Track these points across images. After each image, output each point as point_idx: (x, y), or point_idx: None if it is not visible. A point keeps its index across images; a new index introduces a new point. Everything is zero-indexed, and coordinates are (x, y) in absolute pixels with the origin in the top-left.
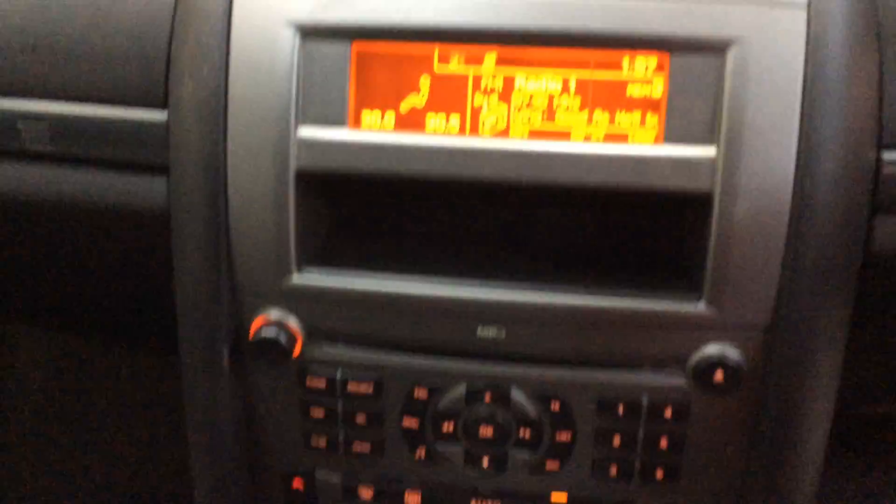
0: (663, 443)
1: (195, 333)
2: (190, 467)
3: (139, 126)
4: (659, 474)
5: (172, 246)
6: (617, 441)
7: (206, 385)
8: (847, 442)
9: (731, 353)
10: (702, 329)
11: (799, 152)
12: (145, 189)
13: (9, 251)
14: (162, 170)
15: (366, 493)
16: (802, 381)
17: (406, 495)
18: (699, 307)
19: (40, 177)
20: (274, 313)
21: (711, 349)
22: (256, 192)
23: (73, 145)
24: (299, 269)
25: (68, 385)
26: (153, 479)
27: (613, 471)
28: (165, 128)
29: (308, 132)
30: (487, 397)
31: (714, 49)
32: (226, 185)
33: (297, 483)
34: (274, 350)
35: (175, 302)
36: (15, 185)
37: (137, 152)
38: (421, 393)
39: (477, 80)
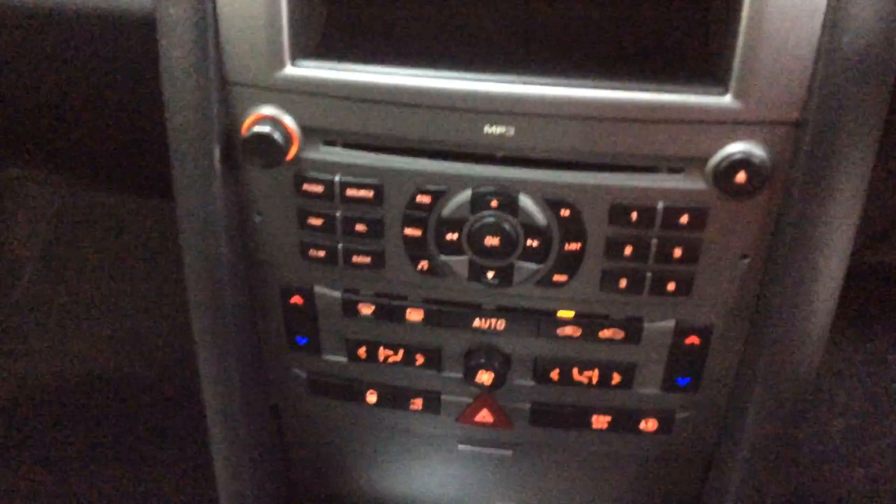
0: (677, 252)
1: (185, 133)
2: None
3: None
4: (670, 287)
5: (158, 35)
6: (628, 251)
7: (198, 189)
8: (855, 308)
9: (757, 150)
10: (726, 125)
11: None
12: None
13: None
14: None
15: (366, 309)
16: (830, 184)
17: (408, 312)
18: (724, 100)
19: None
20: (268, 110)
21: (735, 147)
22: None
23: None
24: (293, 61)
25: (71, 238)
26: (156, 331)
27: (623, 283)
28: None
29: None
30: (494, 203)
31: None
32: None
33: (296, 299)
34: (268, 148)
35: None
36: None
37: None
38: (424, 199)
39: None
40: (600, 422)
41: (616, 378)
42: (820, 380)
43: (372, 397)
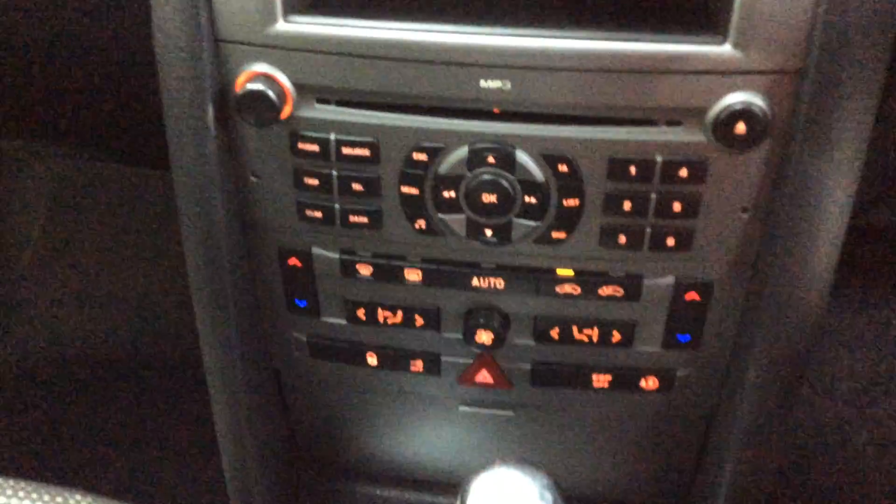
0: (676, 207)
1: (178, 92)
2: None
3: None
4: (670, 242)
5: None
6: (627, 206)
7: (192, 149)
8: (861, 273)
9: (756, 101)
10: (725, 75)
11: None
12: None
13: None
14: None
15: (364, 270)
16: (830, 134)
17: (406, 272)
18: (723, 49)
19: None
20: (261, 67)
21: (734, 98)
22: None
23: None
24: (285, 17)
25: (73, 211)
26: (160, 304)
27: (622, 239)
28: None
29: None
30: (491, 159)
31: None
32: None
33: (294, 261)
34: (262, 105)
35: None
36: None
37: None
38: (420, 156)
39: None
40: (601, 381)
41: (616, 336)
42: (825, 345)
43: (372, 359)
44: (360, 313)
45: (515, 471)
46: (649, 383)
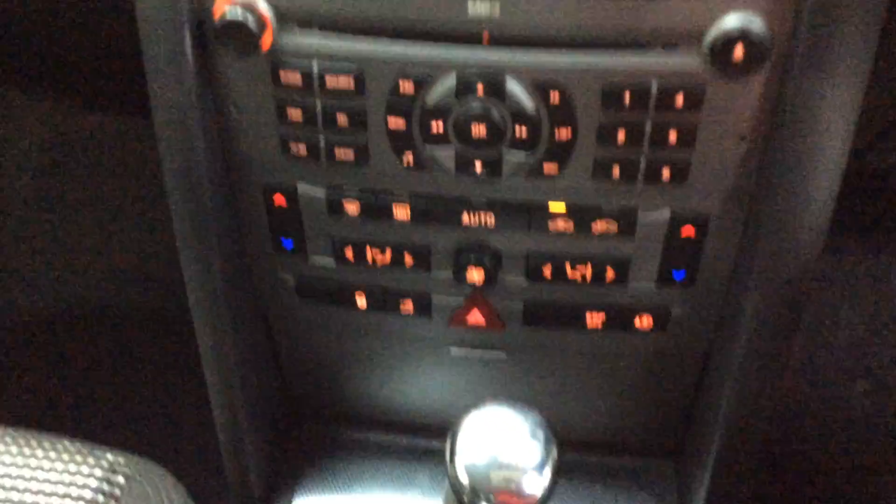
0: (672, 136)
1: (154, 20)
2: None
3: None
4: (665, 174)
5: None
6: (621, 136)
7: (170, 81)
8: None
9: (755, 23)
10: None
11: None
12: None
13: None
14: None
15: (352, 207)
16: (831, 60)
17: (394, 208)
18: None
19: None
20: None
21: (732, 21)
22: None
23: None
24: None
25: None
26: (152, 257)
27: (616, 172)
28: None
29: None
30: (480, 89)
31: None
32: None
33: (279, 199)
34: (241, 34)
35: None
36: None
37: None
38: (406, 86)
39: None
40: (594, 320)
41: (610, 273)
42: (823, 295)
43: (361, 300)
44: (348, 253)
45: (507, 409)
46: (643, 322)
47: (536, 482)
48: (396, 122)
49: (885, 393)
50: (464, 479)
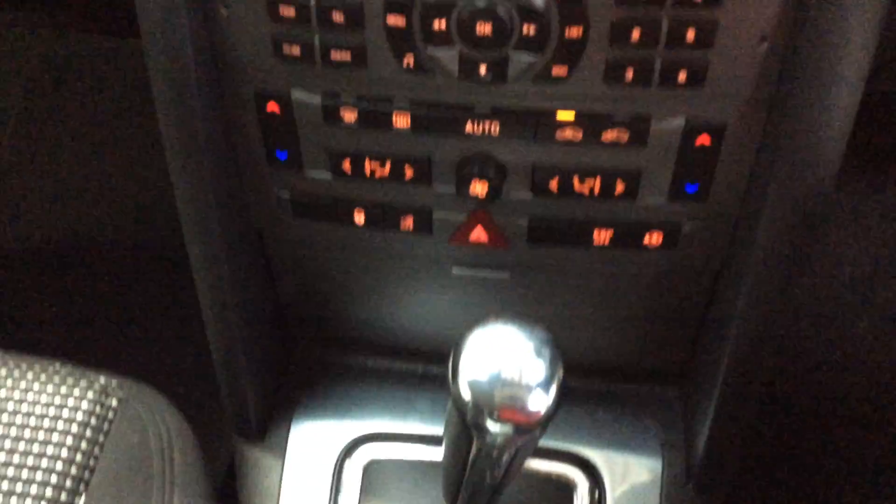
0: (689, 35)
1: None
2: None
3: None
4: (681, 77)
5: None
6: (636, 35)
7: None
8: (866, 156)
9: None
10: None
11: None
12: None
13: None
14: None
15: (349, 115)
16: None
17: (394, 117)
18: None
19: None
20: None
21: None
22: None
23: None
24: None
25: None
26: (144, 186)
27: (629, 75)
28: None
29: None
30: None
31: None
32: None
33: (272, 106)
34: None
35: None
36: None
37: None
38: None
39: None
40: (602, 237)
41: (620, 186)
42: (828, 231)
43: (359, 217)
44: (346, 165)
45: (511, 326)
46: (653, 239)
47: (542, 399)
48: (396, 20)
49: (888, 331)
50: (466, 397)
